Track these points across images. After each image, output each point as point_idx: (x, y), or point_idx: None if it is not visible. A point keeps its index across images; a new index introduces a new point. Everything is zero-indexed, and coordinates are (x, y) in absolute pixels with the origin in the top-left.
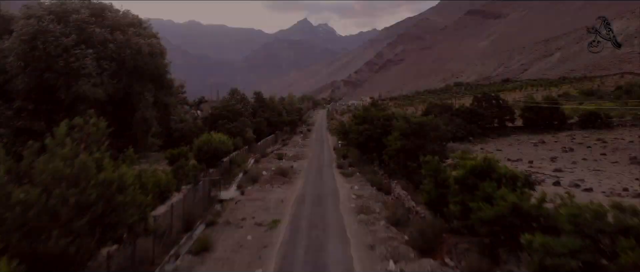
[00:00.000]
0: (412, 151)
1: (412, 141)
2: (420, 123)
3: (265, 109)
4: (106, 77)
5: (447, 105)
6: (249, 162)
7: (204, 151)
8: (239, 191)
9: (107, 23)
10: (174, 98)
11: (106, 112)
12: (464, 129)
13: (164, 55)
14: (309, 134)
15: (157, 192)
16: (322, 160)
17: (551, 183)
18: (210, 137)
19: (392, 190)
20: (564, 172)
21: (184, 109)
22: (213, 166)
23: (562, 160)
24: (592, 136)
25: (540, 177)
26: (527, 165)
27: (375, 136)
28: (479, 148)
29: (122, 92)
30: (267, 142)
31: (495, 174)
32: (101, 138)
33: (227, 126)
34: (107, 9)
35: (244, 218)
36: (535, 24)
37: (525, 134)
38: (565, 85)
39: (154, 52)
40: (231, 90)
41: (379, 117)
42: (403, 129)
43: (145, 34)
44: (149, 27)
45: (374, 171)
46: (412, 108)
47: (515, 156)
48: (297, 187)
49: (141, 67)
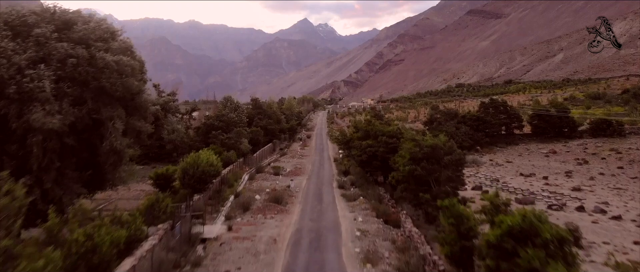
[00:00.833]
0: (423, 178)
1: (424, 167)
2: (432, 146)
3: (263, 116)
4: (67, 102)
5: (452, 112)
6: (242, 179)
7: (189, 175)
8: (227, 225)
9: (75, 36)
10: (149, 123)
11: (66, 144)
12: (470, 137)
13: (137, 72)
14: (309, 141)
15: (116, 252)
16: (321, 176)
17: (574, 208)
18: (197, 157)
19: (402, 224)
20: (583, 191)
21: (176, 118)
22: (200, 190)
23: (578, 175)
24: (605, 146)
25: (560, 198)
26: (543, 182)
27: (379, 154)
28: (488, 159)
29: (87, 118)
30: (264, 153)
31: (539, 239)
32: (18, 210)
33: (220, 138)
34: (79, 19)
35: (227, 271)
36: (536, 24)
37: (534, 142)
38: (570, 88)
39: (124, 70)
40: (225, 97)
41: (384, 133)
42: (413, 152)
43: (117, 48)
44: (125, 41)
45: (379, 195)
46: (413, 111)
47: (527, 169)
48: (293, 218)
49: (109, 89)
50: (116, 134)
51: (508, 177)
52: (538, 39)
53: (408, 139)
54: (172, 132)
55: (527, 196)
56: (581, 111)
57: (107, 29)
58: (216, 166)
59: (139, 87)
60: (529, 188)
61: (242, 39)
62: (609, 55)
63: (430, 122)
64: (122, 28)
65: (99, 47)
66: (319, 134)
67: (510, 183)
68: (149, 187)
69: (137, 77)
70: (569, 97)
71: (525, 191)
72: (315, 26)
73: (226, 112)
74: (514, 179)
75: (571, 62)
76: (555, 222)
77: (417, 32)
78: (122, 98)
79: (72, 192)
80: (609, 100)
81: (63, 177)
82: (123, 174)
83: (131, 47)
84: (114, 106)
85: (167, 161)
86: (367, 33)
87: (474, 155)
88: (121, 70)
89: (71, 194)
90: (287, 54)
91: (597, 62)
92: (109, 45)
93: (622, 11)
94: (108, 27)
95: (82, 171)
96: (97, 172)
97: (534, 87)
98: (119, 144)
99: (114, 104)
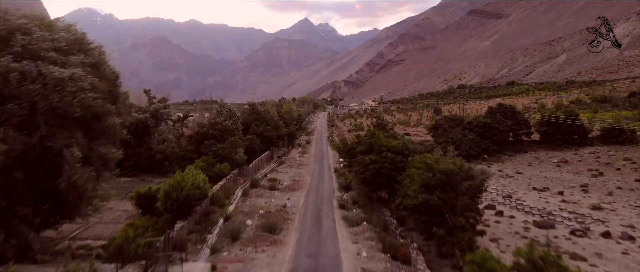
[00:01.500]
0: (438, 209)
1: (439, 196)
2: (447, 172)
3: (260, 122)
4: (11, 127)
5: (458, 118)
6: (235, 195)
7: (172, 199)
8: (211, 263)
9: (16, 48)
10: (118, 149)
11: (14, 178)
12: (477, 145)
13: (104, 88)
14: (308, 147)
15: None
16: (321, 191)
17: (599, 234)
18: (181, 179)
19: (412, 261)
20: (604, 211)
21: (167, 125)
22: (184, 216)
23: (595, 189)
24: (617, 155)
25: (582, 220)
26: (559, 198)
27: (385, 171)
28: (497, 170)
29: (38, 147)
30: (261, 162)
31: None
32: None
33: (213, 148)
34: (27, 27)
35: None
36: (537, 24)
37: (543, 149)
38: (574, 90)
39: (81, 86)
40: (219, 104)
41: (389, 148)
42: (425, 179)
43: (79, 61)
44: (93, 52)
45: (384, 221)
46: (415, 114)
47: (540, 182)
48: (287, 253)
49: (63, 110)
50: (74, 166)
51: (520, 192)
52: (539, 39)
53: (419, 161)
54: (162, 141)
55: (545, 218)
56: (589, 115)
57: (70, 37)
58: (203, 188)
59: (105, 106)
60: (546, 206)
61: (243, 39)
62: (613, 57)
63: (435, 129)
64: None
65: (52, 59)
66: (318, 139)
67: (525, 200)
68: (132, 207)
69: (102, 94)
70: (574, 101)
71: (542, 210)
72: (315, 26)
73: (221, 119)
74: (527, 194)
75: (574, 63)
76: (583, 253)
77: (418, 32)
78: (82, 120)
79: (28, 230)
80: (617, 104)
81: (13, 216)
82: (88, 210)
83: (102, 58)
84: (72, 130)
85: (157, 172)
86: (367, 33)
87: (482, 164)
88: (80, 87)
89: (25, 234)
90: (287, 54)
91: (600, 64)
92: (68, 58)
93: (624, 12)
94: (68, 37)
95: (39, 206)
96: (60, 205)
97: (538, 89)
98: (78, 178)
99: (72, 127)
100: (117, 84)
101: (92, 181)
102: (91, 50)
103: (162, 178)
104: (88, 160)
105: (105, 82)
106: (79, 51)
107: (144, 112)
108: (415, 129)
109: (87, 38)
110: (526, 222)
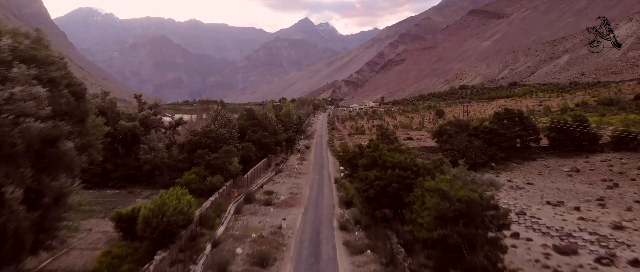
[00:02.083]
0: (457, 246)
1: (459, 232)
2: (468, 202)
3: (258, 128)
4: None
5: (463, 123)
6: (227, 212)
7: (152, 227)
8: None
9: None
10: (73, 178)
11: None
12: (484, 152)
13: (56, 109)
14: (308, 153)
15: None
16: (320, 208)
17: (627, 261)
18: (163, 203)
19: None
20: (626, 230)
21: (158, 133)
22: (166, 244)
23: (612, 203)
24: (631, 163)
25: (605, 243)
26: (576, 215)
27: (391, 190)
28: (506, 180)
29: None
30: (258, 171)
31: None
32: None
33: (206, 157)
34: None
35: None
36: (538, 24)
37: (552, 157)
38: (579, 92)
39: (24, 110)
40: (215, 111)
41: (395, 165)
42: (441, 209)
43: (17, 77)
44: (54, 58)
45: (391, 250)
46: (418, 116)
47: (553, 195)
48: None
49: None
50: (11, 207)
51: (534, 207)
52: (541, 39)
53: (431, 186)
54: (149, 151)
55: (566, 243)
56: (596, 118)
57: (15, 47)
58: (187, 213)
59: (60, 128)
60: (563, 225)
61: (243, 39)
62: (616, 57)
63: (439, 135)
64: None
65: None
66: (318, 143)
67: (540, 217)
68: (113, 229)
69: (60, 114)
70: (580, 103)
71: (561, 230)
72: (316, 25)
73: (215, 127)
74: (542, 209)
75: (577, 63)
76: None
77: (419, 31)
78: (27, 148)
79: None
80: (624, 106)
81: None
82: (54, 243)
83: (64, 71)
84: (13, 162)
85: (146, 183)
86: (368, 32)
87: (490, 173)
88: (21, 111)
89: None
90: (288, 54)
91: (604, 64)
92: (7, 73)
93: (626, 12)
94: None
95: None
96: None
97: (541, 90)
98: (21, 222)
99: (14, 159)
100: (84, 99)
101: (34, 227)
102: (51, 60)
103: (152, 190)
104: (39, 194)
105: (65, 100)
106: (31, 63)
107: (133, 120)
108: (417, 133)
109: (47, 44)
110: (545, 246)
